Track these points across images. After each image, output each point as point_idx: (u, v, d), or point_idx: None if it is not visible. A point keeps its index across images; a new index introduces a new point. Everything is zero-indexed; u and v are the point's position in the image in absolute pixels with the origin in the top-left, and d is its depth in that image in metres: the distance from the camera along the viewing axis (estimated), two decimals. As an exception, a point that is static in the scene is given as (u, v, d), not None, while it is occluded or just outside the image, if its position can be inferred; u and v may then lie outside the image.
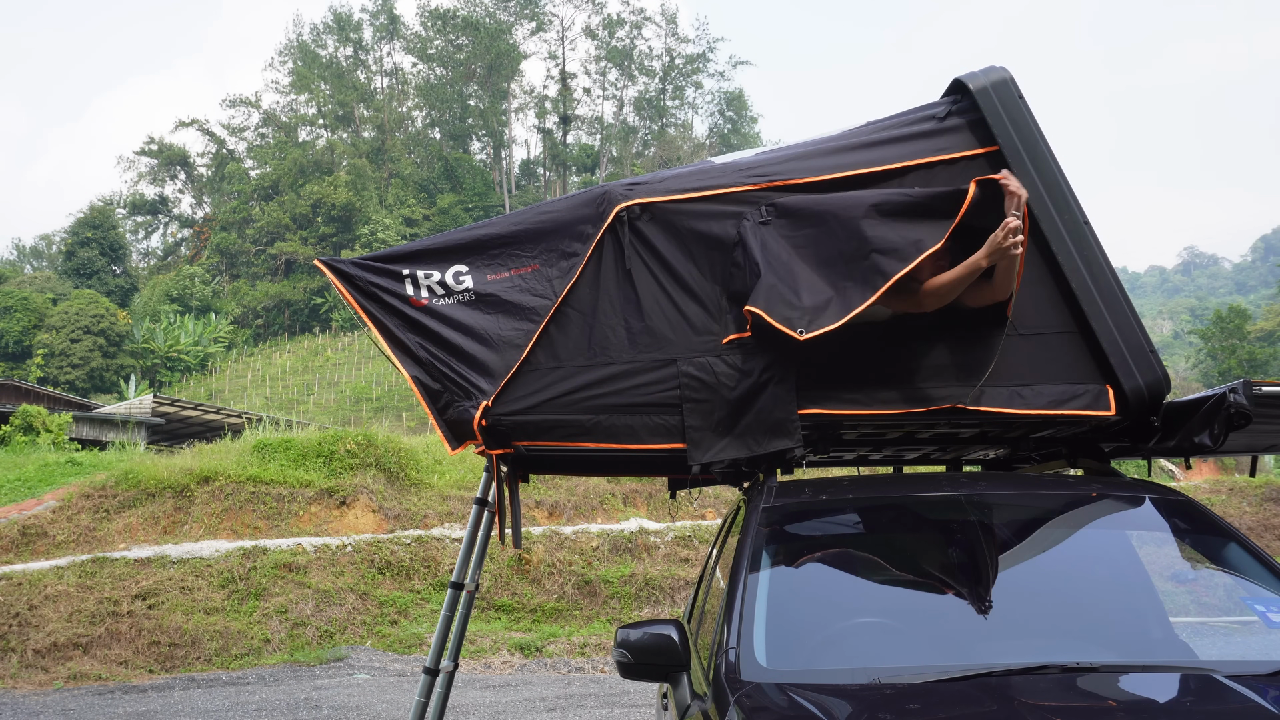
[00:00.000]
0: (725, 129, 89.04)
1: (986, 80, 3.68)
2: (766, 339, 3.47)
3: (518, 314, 3.71)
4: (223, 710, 8.53)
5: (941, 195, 3.43)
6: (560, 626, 12.21)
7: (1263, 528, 15.55)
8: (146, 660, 10.34)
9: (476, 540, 4.64)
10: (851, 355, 3.55)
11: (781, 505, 3.35)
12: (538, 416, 3.66)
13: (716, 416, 3.54)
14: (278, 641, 11.07)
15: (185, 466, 14.56)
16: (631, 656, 2.96)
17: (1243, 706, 2.32)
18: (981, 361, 3.56)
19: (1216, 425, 3.47)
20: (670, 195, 3.69)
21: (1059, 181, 3.64)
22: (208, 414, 32.76)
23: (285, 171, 76.84)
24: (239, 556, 12.27)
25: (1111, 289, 3.60)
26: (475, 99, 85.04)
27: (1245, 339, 48.82)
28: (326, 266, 3.87)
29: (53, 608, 10.71)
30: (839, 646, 2.89)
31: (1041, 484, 3.63)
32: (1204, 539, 3.36)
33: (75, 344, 56.48)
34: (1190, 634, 3.44)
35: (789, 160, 3.74)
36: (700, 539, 14.28)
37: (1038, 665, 2.53)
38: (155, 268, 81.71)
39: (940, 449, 4.49)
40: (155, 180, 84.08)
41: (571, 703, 8.79)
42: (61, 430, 25.00)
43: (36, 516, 13.49)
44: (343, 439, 15.95)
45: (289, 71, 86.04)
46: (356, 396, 52.48)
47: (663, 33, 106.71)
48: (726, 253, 3.64)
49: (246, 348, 68.45)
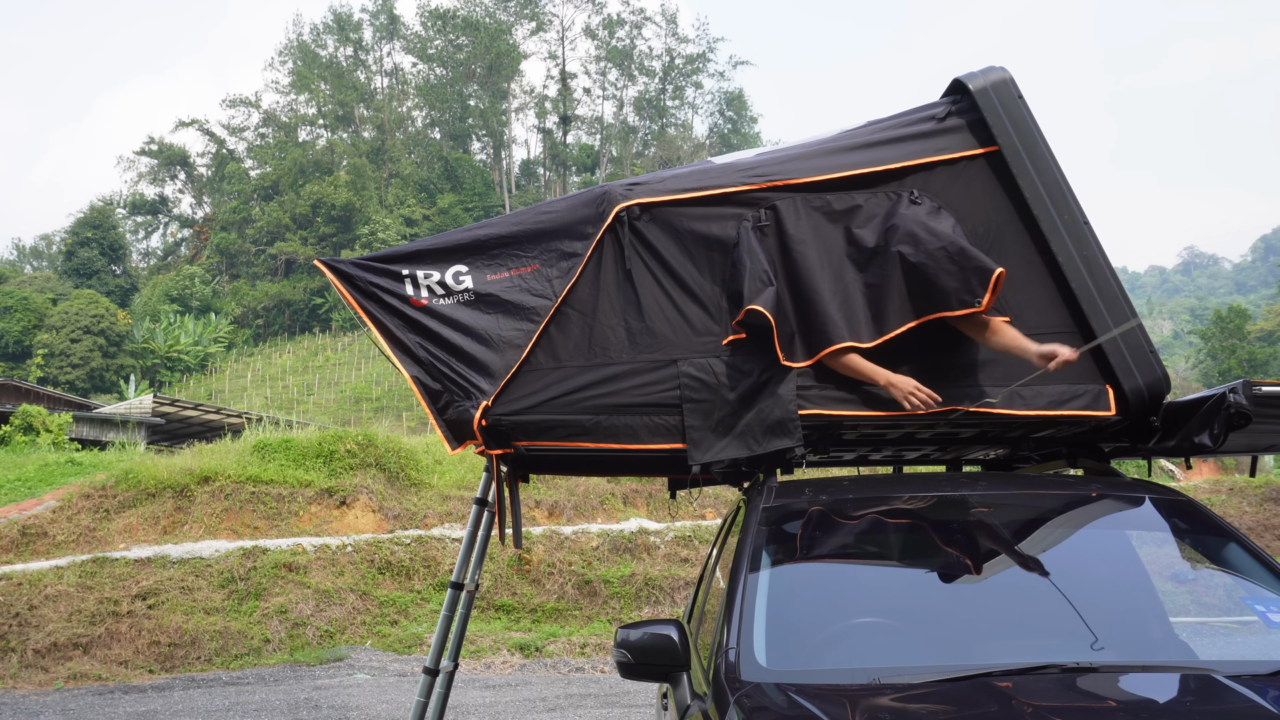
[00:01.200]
0: (725, 129, 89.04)
1: (986, 80, 3.68)
2: (765, 339, 3.48)
3: (518, 314, 3.71)
4: (223, 710, 8.53)
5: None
6: (560, 626, 12.21)
7: (1263, 528, 15.54)
8: (146, 660, 10.34)
9: (476, 540, 4.64)
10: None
11: (781, 505, 3.35)
12: (538, 416, 3.65)
13: (716, 416, 3.55)
14: (278, 641, 11.07)
15: (185, 466, 14.56)
16: (631, 656, 2.96)
17: (1243, 706, 2.32)
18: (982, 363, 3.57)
19: (1216, 425, 3.48)
20: (670, 195, 3.70)
21: (1059, 181, 3.64)
22: (208, 414, 32.77)
23: (285, 171, 76.83)
24: (239, 556, 12.26)
25: (1111, 289, 3.60)
26: (475, 99, 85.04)
27: (1245, 339, 48.81)
28: (326, 266, 3.87)
29: (53, 608, 10.71)
30: (839, 646, 2.89)
31: (1041, 484, 3.63)
32: (1204, 539, 3.36)
33: (75, 344, 56.48)
34: (1190, 634, 3.44)
35: (789, 160, 3.74)
36: (700, 539, 14.28)
37: (1038, 665, 2.53)
38: (155, 268, 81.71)
39: (940, 449, 4.49)
40: (155, 180, 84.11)
41: (571, 703, 8.79)
42: (61, 430, 25.00)
43: (36, 516, 13.49)
44: (343, 439, 15.95)
45: (289, 71, 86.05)
46: (356, 396, 52.48)
47: (663, 33, 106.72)
48: (726, 253, 3.64)
49: (246, 348, 68.45)
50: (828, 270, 3.57)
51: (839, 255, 3.60)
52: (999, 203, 3.68)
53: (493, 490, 4.25)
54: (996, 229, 3.67)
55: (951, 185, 3.68)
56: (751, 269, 3.50)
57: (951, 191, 3.67)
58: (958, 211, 3.63)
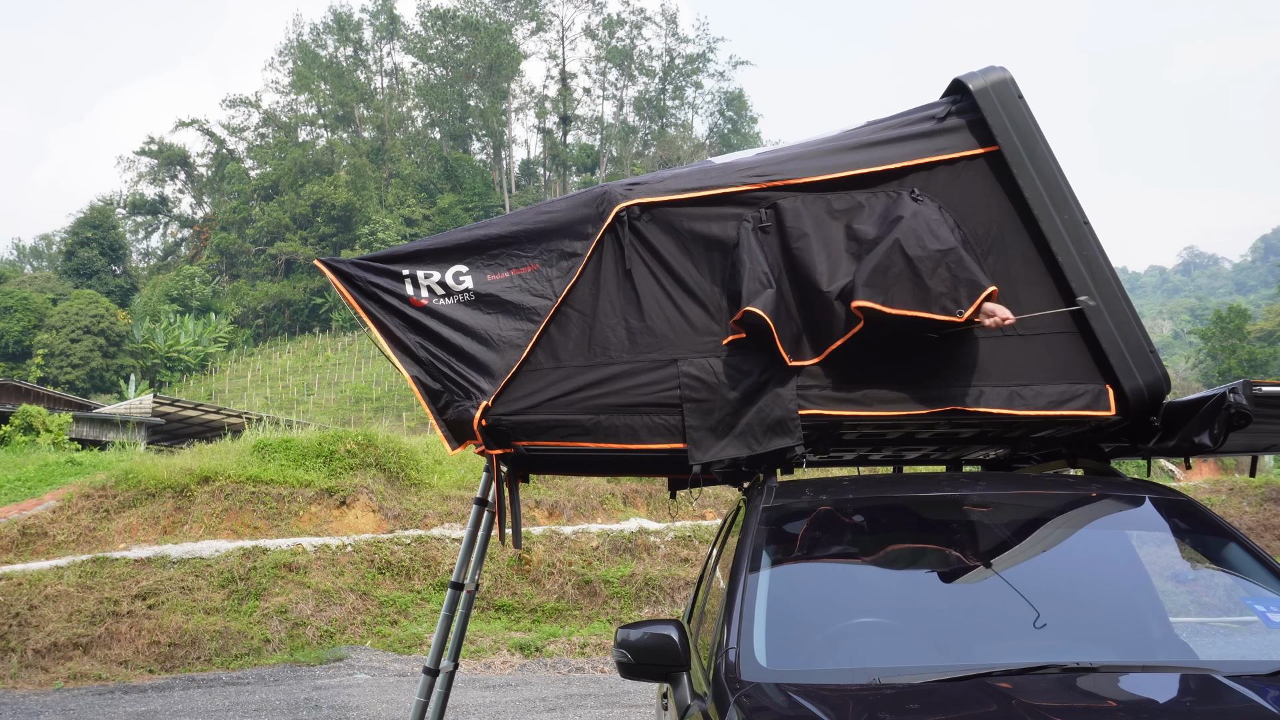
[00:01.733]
0: (725, 129, 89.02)
1: (986, 80, 3.68)
2: (765, 339, 3.48)
3: (518, 314, 3.72)
4: (223, 710, 8.53)
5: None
6: (560, 626, 12.21)
7: (1263, 528, 15.54)
8: (146, 660, 10.34)
9: (476, 540, 4.64)
10: (852, 356, 3.56)
11: (781, 505, 3.35)
12: (538, 416, 3.65)
13: (717, 416, 3.55)
14: (278, 641, 11.06)
15: (185, 466, 14.56)
16: (632, 656, 2.96)
17: (1243, 706, 2.31)
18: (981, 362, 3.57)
19: (1216, 425, 3.48)
20: (670, 195, 3.70)
21: (1059, 181, 3.64)
22: (208, 414, 32.76)
23: (285, 171, 76.82)
24: (239, 556, 12.26)
25: (1111, 289, 3.60)
26: (475, 99, 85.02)
27: (1245, 339, 48.82)
28: (326, 266, 3.87)
29: (53, 608, 10.71)
30: (839, 646, 2.89)
31: (1041, 484, 3.64)
32: (1204, 539, 3.36)
33: (75, 344, 56.46)
34: (1190, 634, 3.44)
35: (789, 160, 3.74)
36: (700, 539, 14.27)
37: (1038, 665, 2.53)
38: (155, 268, 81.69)
39: (940, 449, 4.49)
40: (155, 180, 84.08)
41: (571, 703, 8.79)
42: (61, 430, 25.00)
43: (36, 516, 13.49)
44: (343, 439, 15.94)
45: (289, 71, 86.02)
46: (356, 396, 52.48)
47: (663, 33, 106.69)
48: (727, 253, 3.65)
49: (246, 348, 68.44)
50: (829, 267, 3.57)
51: (840, 252, 3.60)
52: (999, 203, 3.68)
53: (493, 490, 4.25)
54: (997, 229, 3.67)
55: (952, 185, 3.68)
56: (751, 269, 3.50)
57: (952, 191, 3.67)
58: (958, 211, 3.63)
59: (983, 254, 3.61)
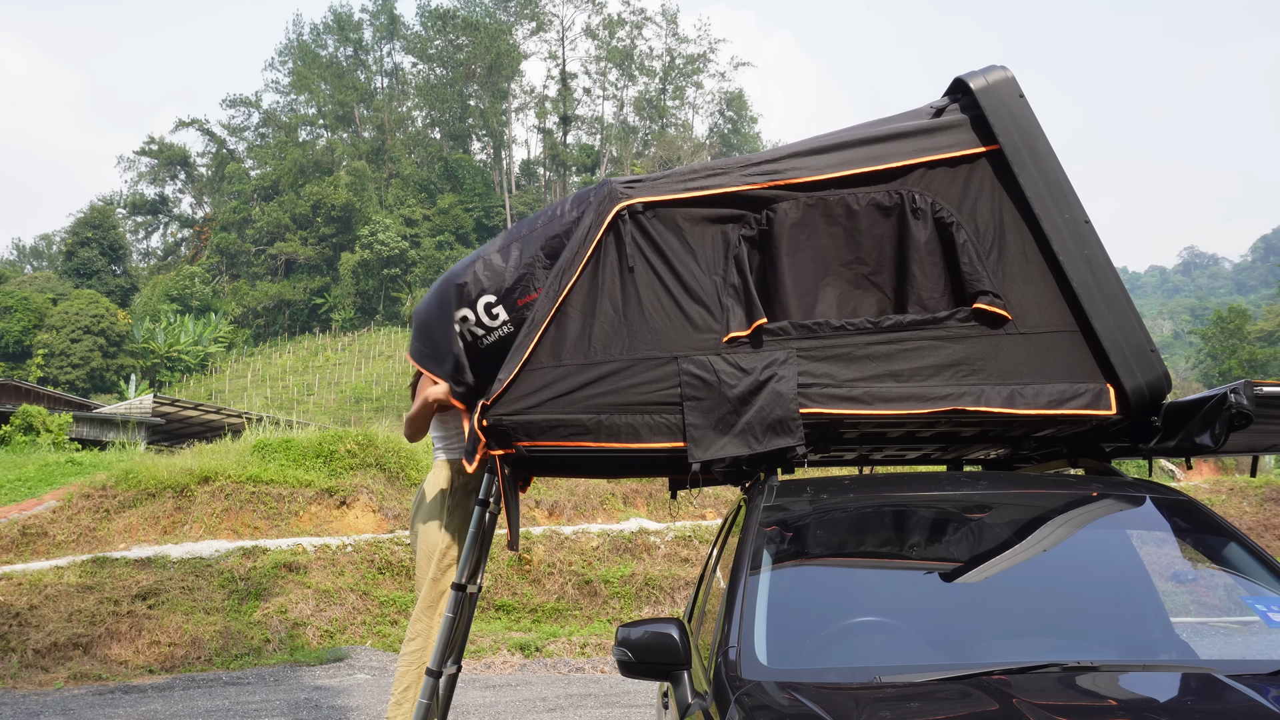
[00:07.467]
0: (725, 129, 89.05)
1: (987, 79, 3.68)
2: (767, 338, 3.49)
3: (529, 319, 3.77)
4: (223, 710, 8.53)
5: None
6: (560, 626, 12.20)
7: (1263, 528, 15.53)
8: (146, 660, 10.33)
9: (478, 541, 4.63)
10: (852, 355, 3.56)
11: (782, 504, 3.35)
12: (539, 416, 3.65)
13: (717, 414, 3.54)
14: (278, 641, 11.06)
15: (185, 466, 14.55)
16: (632, 655, 2.96)
17: (1243, 706, 2.31)
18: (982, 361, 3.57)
19: (1217, 425, 3.47)
20: (671, 194, 3.70)
21: (1060, 180, 3.64)
22: (208, 414, 32.76)
23: (285, 172, 76.86)
24: (239, 556, 12.26)
25: (1113, 287, 3.60)
26: (475, 99, 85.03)
27: (1245, 339, 48.88)
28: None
29: (53, 608, 10.70)
30: (840, 645, 2.89)
31: (1041, 484, 3.63)
32: (1204, 539, 3.36)
33: (75, 344, 56.48)
34: (1191, 634, 3.44)
35: (790, 159, 3.74)
36: (700, 539, 14.27)
37: (1038, 664, 2.53)
38: (155, 268, 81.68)
39: (941, 448, 4.49)
40: (155, 180, 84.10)
41: (571, 703, 8.79)
42: (61, 430, 24.99)
43: (36, 516, 13.48)
44: (343, 439, 15.94)
45: (289, 71, 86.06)
46: (356, 396, 52.50)
47: (663, 33, 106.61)
48: (727, 252, 3.65)
49: (246, 348, 68.48)
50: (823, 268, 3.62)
51: (839, 253, 3.63)
52: (1000, 201, 3.68)
53: (495, 488, 4.25)
54: (998, 227, 3.67)
55: (953, 183, 3.68)
56: (742, 286, 3.59)
57: (952, 190, 3.67)
58: (959, 210, 3.63)
59: (983, 253, 3.62)
